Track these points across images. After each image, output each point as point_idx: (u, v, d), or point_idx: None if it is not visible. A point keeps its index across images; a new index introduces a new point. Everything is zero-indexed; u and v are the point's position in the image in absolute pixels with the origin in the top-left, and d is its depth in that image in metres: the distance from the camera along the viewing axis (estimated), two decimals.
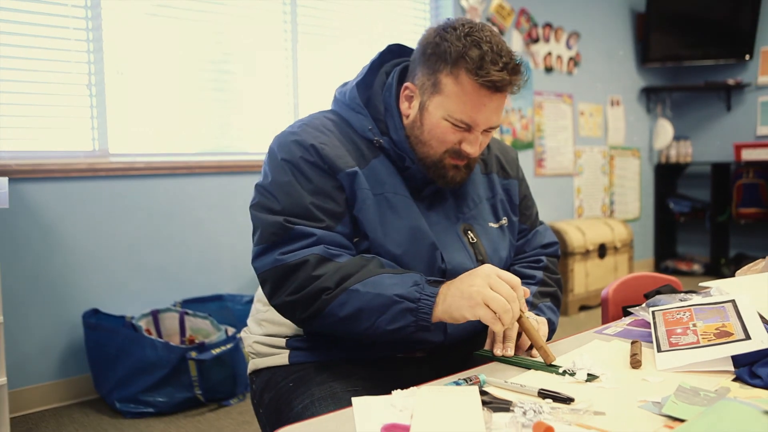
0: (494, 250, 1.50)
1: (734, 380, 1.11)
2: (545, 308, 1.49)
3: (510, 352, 1.27)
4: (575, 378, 1.13)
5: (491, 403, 1.00)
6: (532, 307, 1.47)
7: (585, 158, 5.58)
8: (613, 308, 1.80)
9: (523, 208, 1.62)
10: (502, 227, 1.55)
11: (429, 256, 1.39)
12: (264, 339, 1.48)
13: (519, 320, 1.23)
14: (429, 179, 1.42)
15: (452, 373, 1.19)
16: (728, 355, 1.15)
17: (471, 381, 1.10)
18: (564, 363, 1.20)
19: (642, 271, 4.32)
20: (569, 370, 1.16)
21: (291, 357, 1.43)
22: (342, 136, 1.41)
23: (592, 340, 1.36)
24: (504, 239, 1.54)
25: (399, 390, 1.04)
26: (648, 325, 1.40)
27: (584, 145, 5.58)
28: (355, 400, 1.01)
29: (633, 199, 6.07)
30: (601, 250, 4.99)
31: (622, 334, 1.40)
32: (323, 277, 1.26)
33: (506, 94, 1.34)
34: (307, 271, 1.27)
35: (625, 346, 1.30)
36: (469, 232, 1.47)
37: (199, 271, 3.45)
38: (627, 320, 1.52)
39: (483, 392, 1.04)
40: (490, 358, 1.27)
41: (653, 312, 1.38)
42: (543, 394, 1.04)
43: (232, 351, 2.99)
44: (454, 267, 1.39)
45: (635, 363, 1.19)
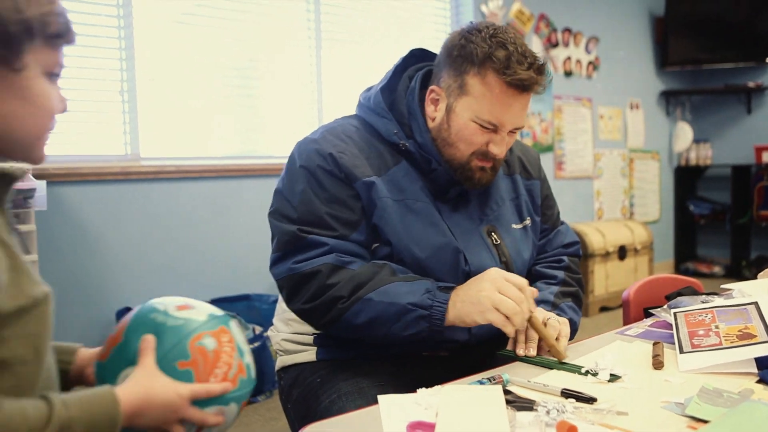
0: (517, 252, 1.51)
1: (758, 382, 1.11)
2: (567, 308, 1.49)
3: (532, 352, 1.28)
4: (598, 378, 1.14)
5: (515, 402, 1.01)
6: (554, 307, 1.48)
7: (605, 161, 5.56)
8: (634, 309, 1.80)
9: (544, 208, 1.63)
10: (525, 228, 1.55)
11: (452, 259, 1.40)
12: (292, 337, 1.50)
13: (529, 320, 1.25)
14: (454, 181, 1.43)
15: (476, 371, 1.21)
16: (751, 356, 1.15)
17: (494, 380, 1.12)
18: (586, 363, 1.20)
19: (662, 273, 4.31)
20: (592, 370, 1.17)
21: (318, 354, 1.45)
22: (364, 143, 1.42)
23: (614, 341, 1.37)
24: (527, 240, 1.55)
25: (424, 388, 1.06)
26: (669, 327, 1.39)
27: (604, 148, 5.56)
28: (381, 397, 1.03)
29: (653, 202, 6.04)
30: (621, 252, 4.97)
31: (644, 336, 1.40)
32: (337, 286, 1.29)
33: (531, 94, 1.36)
34: (321, 279, 1.30)
35: (647, 347, 1.30)
36: (493, 234, 1.48)
37: (227, 272, 3.51)
38: (648, 321, 1.52)
39: (506, 391, 1.05)
40: (513, 358, 1.29)
41: (675, 313, 1.38)
42: (566, 394, 1.05)
43: (259, 349, 3.04)
44: (478, 269, 1.40)
45: (657, 364, 1.19)
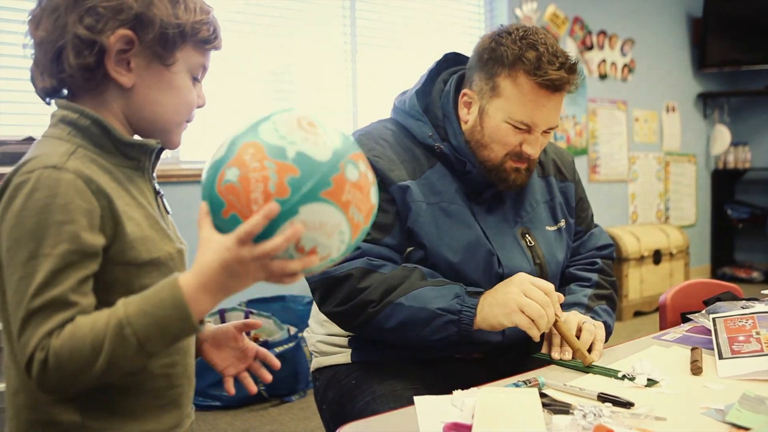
0: (551, 254, 1.51)
1: None
2: (601, 311, 1.49)
3: (567, 356, 1.28)
4: (634, 383, 1.13)
5: (551, 405, 1.01)
6: (588, 310, 1.48)
7: (639, 164, 5.50)
8: (671, 314, 1.77)
9: (578, 210, 1.63)
10: (559, 230, 1.56)
11: (486, 262, 1.41)
12: (327, 338, 1.52)
13: (555, 324, 1.26)
14: (489, 183, 1.44)
15: (509, 374, 1.22)
16: None
17: (530, 383, 1.11)
18: (623, 368, 1.20)
19: (698, 277, 4.23)
20: (628, 375, 1.16)
21: (353, 356, 1.47)
22: (399, 146, 1.44)
23: (650, 346, 1.36)
24: (561, 242, 1.55)
25: (459, 390, 1.06)
26: (708, 332, 1.38)
27: (639, 151, 5.50)
28: (417, 399, 1.03)
29: (689, 205, 5.95)
30: (656, 256, 4.91)
31: (682, 341, 1.39)
32: (368, 290, 1.31)
33: (564, 93, 1.37)
34: (353, 283, 1.32)
35: (684, 353, 1.28)
36: (527, 236, 1.49)
37: None
38: (686, 326, 1.50)
39: (542, 394, 1.05)
40: (548, 361, 1.28)
41: (714, 319, 1.36)
42: (602, 398, 1.05)
43: (294, 349, 3.09)
44: (511, 271, 1.41)
45: (696, 369, 1.18)
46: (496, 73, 1.36)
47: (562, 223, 1.57)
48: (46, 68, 0.97)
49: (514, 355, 1.47)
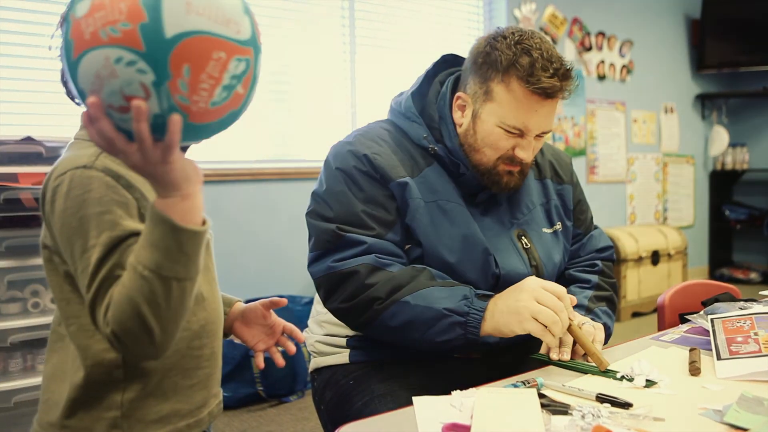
0: (548, 256, 1.51)
1: None
2: (601, 313, 1.49)
3: (566, 357, 1.28)
4: (633, 383, 1.13)
5: (549, 405, 1.01)
6: (588, 311, 1.47)
7: (638, 165, 5.51)
8: (669, 315, 1.77)
9: (577, 213, 1.63)
10: (556, 232, 1.56)
11: (483, 261, 1.41)
12: (325, 339, 1.52)
13: (569, 329, 1.24)
14: (483, 185, 1.44)
15: (508, 374, 1.22)
16: None
17: (529, 384, 1.12)
18: (621, 368, 1.20)
19: (696, 278, 4.24)
20: (627, 376, 1.16)
21: (351, 356, 1.46)
22: (396, 146, 1.44)
23: (649, 347, 1.36)
24: (558, 244, 1.55)
25: (458, 390, 1.07)
26: (706, 333, 1.38)
27: (637, 152, 5.50)
28: (416, 399, 1.03)
29: (687, 206, 5.96)
30: (654, 257, 4.92)
31: (680, 341, 1.39)
32: (375, 287, 1.31)
33: (557, 99, 1.36)
34: (359, 279, 1.31)
35: (683, 353, 1.29)
36: (523, 238, 1.49)
37: (261, 273, 3.57)
38: (684, 327, 1.50)
39: (541, 395, 1.05)
40: (547, 362, 1.28)
41: (712, 320, 1.37)
42: (601, 399, 1.05)
43: None
44: (507, 272, 1.41)
45: (694, 370, 1.18)
46: (490, 77, 1.35)
47: (558, 226, 1.57)
48: None
49: (513, 354, 1.47)
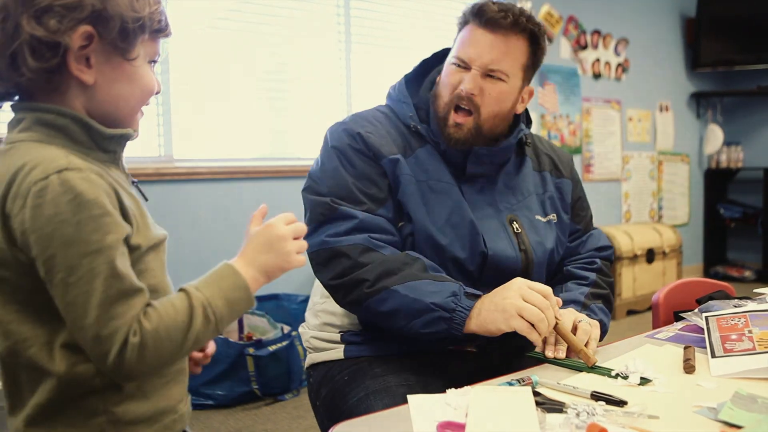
0: (539, 242, 1.53)
1: None
2: (597, 309, 1.50)
3: (561, 355, 1.28)
4: (628, 381, 1.14)
5: (544, 403, 1.01)
6: (584, 307, 1.49)
7: (633, 163, 5.52)
8: (664, 313, 1.78)
9: (578, 209, 1.67)
10: (549, 222, 1.58)
11: (471, 239, 1.45)
12: (320, 334, 1.54)
13: (555, 327, 1.26)
14: (466, 158, 1.49)
15: (502, 369, 1.26)
16: None
17: (524, 382, 1.12)
18: (616, 366, 1.20)
19: (691, 276, 4.23)
20: (622, 374, 1.16)
21: (346, 351, 1.48)
22: (391, 127, 1.51)
23: (643, 344, 1.36)
24: (550, 233, 1.58)
25: (454, 389, 1.07)
26: (700, 331, 1.38)
27: (632, 150, 5.51)
28: (411, 397, 1.03)
29: (682, 205, 5.97)
30: (650, 255, 4.93)
31: (674, 339, 1.39)
32: (365, 268, 1.34)
33: (506, 36, 1.42)
34: (351, 259, 1.35)
35: (677, 351, 1.29)
36: (514, 223, 1.52)
37: None
38: (679, 325, 1.51)
39: (536, 393, 1.05)
40: (542, 360, 1.29)
41: (706, 317, 1.37)
42: (596, 397, 1.05)
43: (288, 348, 3.08)
44: (495, 253, 1.45)
45: (689, 368, 1.18)
46: (458, 31, 1.49)
47: (552, 217, 1.59)
48: (1, 74, 0.95)
49: (508, 349, 1.48)
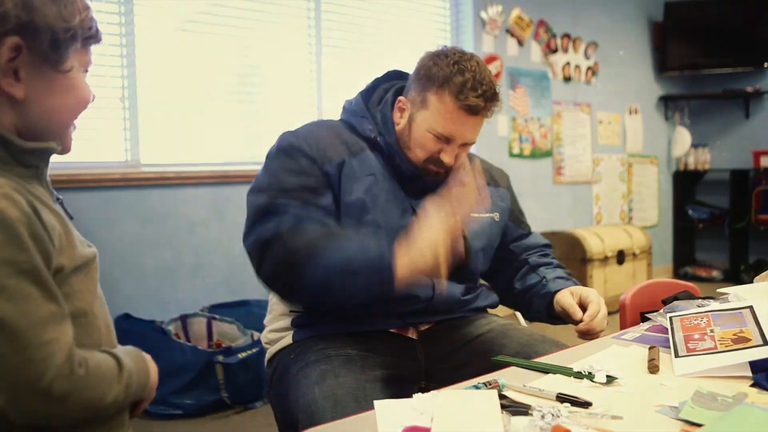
0: (476, 234, 1.63)
1: (752, 386, 1.11)
2: (575, 284, 1.68)
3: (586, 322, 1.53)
4: (594, 381, 1.15)
5: (510, 406, 1.02)
6: (568, 281, 1.68)
7: (603, 166, 5.58)
8: (631, 314, 1.80)
9: (518, 215, 1.83)
10: (487, 219, 1.69)
11: (405, 224, 1.50)
12: (274, 326, 1.60)
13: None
14: (416, 174, 1.58)
15: (442, 353, 1.43)
16: (746, 360, 1.15)
17: (490, 385, 1.12)
18: (582, 367, 1.21)
19: (661, 277, 4.30)
20: (585, 371, 1.17)
21: (294, 335, 1.54)
22: (336, 135, 1.58)
23: (610, 345, 1.37)
24: (489, 227, 1.69)
25: (420, 393, 1.07)
26: (666, 331, 1.39)
27: (602, 153, 5.57)
28: (377, 402, 1.03)
29: (651, 206, 6.05)
30: (620, 257, 4.98)
31: (640, 340, 1.40)
32: (294, 251, 1.36)
33: (482, 117, 1.54)
34: (280, 245, 1.38)
35: (642, 352, 1.30)
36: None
37: (226, 277, 3.53)
38: (645, 326, 1.52)
39: (502, 396, 1.05)
40: (508, 363, 1.29)
41: (671, 318, 1.38)
42: (561, 398, 1.06)
43: (258, 355, 3.05)
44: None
45: (653, 368, 1.19)
46: (428, 88, 1.53)
47: (495, 215, 1.71)
48: None
49: (449, 338, 1.58)
